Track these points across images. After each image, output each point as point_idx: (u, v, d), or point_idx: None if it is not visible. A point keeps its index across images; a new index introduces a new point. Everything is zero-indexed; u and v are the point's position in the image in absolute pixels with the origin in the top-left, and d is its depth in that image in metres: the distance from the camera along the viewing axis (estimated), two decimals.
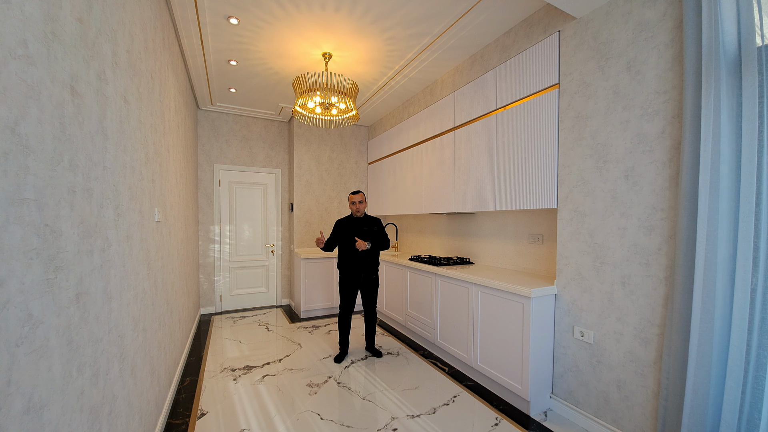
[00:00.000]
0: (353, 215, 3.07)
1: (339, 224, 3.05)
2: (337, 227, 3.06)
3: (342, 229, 3.02)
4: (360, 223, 3.03)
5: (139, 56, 1.62)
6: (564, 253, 2.19)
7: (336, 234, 3.04)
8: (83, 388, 1.04)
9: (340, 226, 3.04)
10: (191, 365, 2.91)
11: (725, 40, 1.43)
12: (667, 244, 1.69)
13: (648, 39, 1.75)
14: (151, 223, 1.82)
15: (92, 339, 1.10)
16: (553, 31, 2.26)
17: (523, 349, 2.18)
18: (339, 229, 3.03)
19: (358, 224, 3.03)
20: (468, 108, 3.02)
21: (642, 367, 1.79)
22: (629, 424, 1.84)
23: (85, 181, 1.04)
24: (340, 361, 2.99)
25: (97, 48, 1.16)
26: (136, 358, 1.55)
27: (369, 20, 2.51)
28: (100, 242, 1.14)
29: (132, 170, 1.49)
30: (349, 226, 3.02)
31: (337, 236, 3.03)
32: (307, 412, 2.20)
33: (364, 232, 3.01)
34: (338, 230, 3.03)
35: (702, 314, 1.49)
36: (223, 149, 4.60)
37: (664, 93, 1.70)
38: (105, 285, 1.18)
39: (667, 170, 1.69)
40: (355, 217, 3.06)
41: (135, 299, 1.53)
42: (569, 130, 2.15)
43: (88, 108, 1.08)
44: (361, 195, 3.03)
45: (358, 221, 3.04)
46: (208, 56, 3.06)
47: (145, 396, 1.68)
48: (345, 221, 3.06)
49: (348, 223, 3.04)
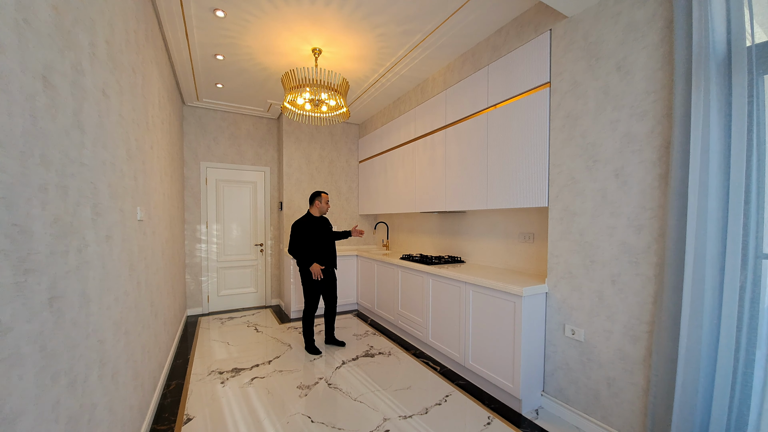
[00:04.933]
0: (314, 215, 3.19)
1: (302, 225, 3.11)
2: (301, 228, 3.10)
3: (309, 229, 3.11)
4: (323, 222, 3.22)
5: (119, 48, 1.55)
6: (555, 252, 2.19)
7: (304, 234, 3.09)
8: (59, 396, 0.98)
9: (305, 227, 3.10)
10: (177, 368, 2.83)
11: (715, 40, 1.45)
12: (656, 242, 1.71)
13: (638, 39, 1.76)
14: (133, 223, 1.75)
15: (69, 345, 1.04)
16: (544, 30, 2.26)
17: (515, 348, 2.18)
18: (305, 229, 3.10)
19: (322, 223, 3.21)
20: (459, 106, 3.01)
21: (631, 364, 1.80)
22: (619, 420, 1.86)
23: (59, 178, 0.98)
24: (315, 350, 3.14)
25: (73, 38, 1.10)
26: (118, 363, 1.48)
27: (360, 16, 2.47)
28: (77, 242, 1.08)
29: (112, 167, 1.42)
30: (316, 226, 3.15)
31: (306, 236, 3.09)
32: (298, 415, 2.16)
33: (327, 228, 3.24)
34: (305, 230, 3.10)
35: (691, 312, 1.51)
36: (211, 147, 4.49)
37: (653, 93, 1.71)
38: (82, 287, 1.12)
39: (656, 169, 1.70)
40: (314, 217, 3.18)
41: (116, 302, 1.47)
42: (560, 130, 2.16)
43: (63, 100, 1.02)
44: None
45: (320, 220, 3.21)
46: (194, 50, 2.97)
47: (127, 402, 1.62)
48: (307, 221, 3.14)
49: (311, 222, 3.15)
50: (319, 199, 3.16)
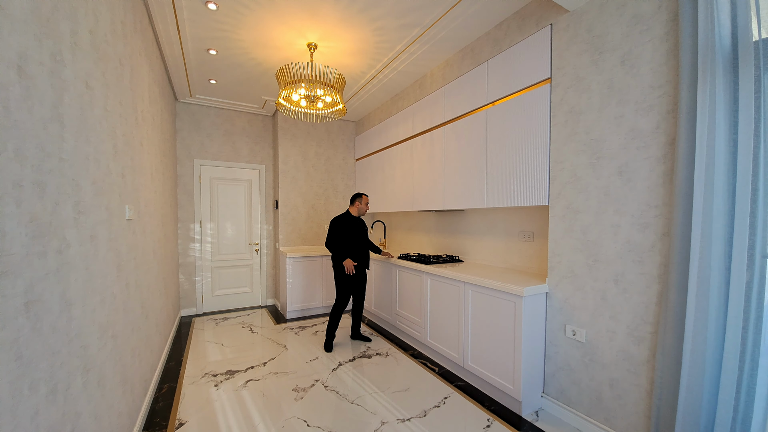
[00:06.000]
0: (353, 215, 3.30)
1: (341, 222, 3.23)
2: (340, 225, 3.22)
3: (347, 227, 3.22)
4: (360, 223, 3.32)
5: (105, 38, 1.48)
6: (556, 251, 2.15)
7: (341, 231, 3.20)
8: (38, 406, 0.92)
9: (343, 224, 3.22)
10: (170, 371, 2.76)
11: (721, 34, 1.40)
12: (661, 241, 1.67)
13: (643, 32, 1.72)
14: (121, 222, 1.68)
15: (48, 352, 0.98)
16: (545, 23, 2.21)
17: (515, 349, 2.14)
18: (344, 226, 3.22)
19: (359, 223, 3.31)
20: (458, 103, 2.95)
21: (635, 365, 1.77)
22: (622, 422, 1.82)
23: (35, 174, 0.92)
24: (331, 349, 3.18)
25: (52, 25, 1.03)
26: (104, 369, 1.42)
27: (357, 9, 2.41)
28: (56, 243, 1.02)
29: (97, 163, 1.35)
30: (353, 225, 3.26)
31: (343, 233, 3.20)
32: (294, 419, 2.10)
33: (364, 229, 3.34)
34: (343, 228, 3.21)
35: (696, 312, 1.47)
36: (205, 144, 4.40)
37: (658, 87, 1.67)
38: (63, 290, 1.06)
39: (661, 166, 1.67)
40: (353, 216, 3.29)
41: (102, 304, 1.40)
42: (562, 126, 2.11)
43: (40, 91, 0.96)
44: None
45: (358, 221, 3.31)
46: (186, 44, 2.89)
47: (115, 408, 1.56)
48: (346, 219, 3.25)
49: (350, 221, 3.26)
50: (360, 200, 3.27)
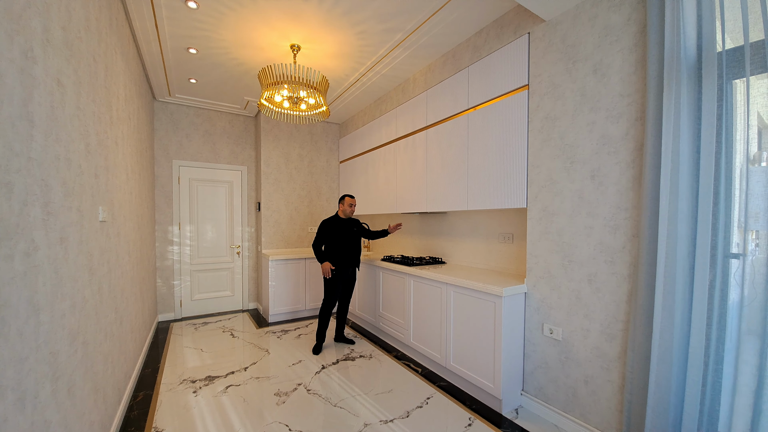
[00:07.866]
0: (342, 216, 3.29)
1: (329, 225, 3.23)
2: (327, 227, 3.23)
3: (334, 229, 3.22)
4: (349, 224, 3.29)
5: (78, 35, 1.43)
6: (534, 252, 2.21)
7: (328, 234, 3.22)
8: (6, 415, 0.89)
9: (330, 227, 3.23)
10: (146, 378, 2.67)
11: (687, 45, 1.49)
12: (630, 242, 1.75)
13: (613, 43, 1.80)
14: (93, 224, 1.62)
15: (15, 358, 0.94)
16: (523, 32, 2.29)
17: (495, 348, 2.19)
18: (331, 228, 3.22)
19: (348, 224, 3.28)
20: (440, 107, 3.00)
21: (608, 362, 1.84)
22: (596, 417, 1.89)
23: (2, 174, 0.88)
24: (319, 352, 3.18)
25: (24, 22, 1.00)
26: (75, 376, 1.37)
27: (340, 12, 2.42)
28: (23, 245, 0.98)
29: (68, 163, 1.31)
30: (340, 226, 3.24)
31: (330, 235, 3.21)
32: (275, 423, 2.07)
33: (353, 230, 3.30)
34: (330, 230, 3.22)
35: (663, 310, 1.55)
36: (183, 144, 4.30)
37: (627, 96, 1.75)
38: (30, 295, 1.02)
39: (630, 171, 1.75)
40: (340, 218, 3.28)
41: (72, 309, 1.35)
42: (538, 131, 2.18)
43: (9, 89, 0.92)
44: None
45: (347, 222, 3.29)
46: (164, 42, 2.83)
47: (87, 417, 1.50)
48: (333, 221, 3.25)
49: (337, 223, 3.25)
50: (342, 202, 3.29)
